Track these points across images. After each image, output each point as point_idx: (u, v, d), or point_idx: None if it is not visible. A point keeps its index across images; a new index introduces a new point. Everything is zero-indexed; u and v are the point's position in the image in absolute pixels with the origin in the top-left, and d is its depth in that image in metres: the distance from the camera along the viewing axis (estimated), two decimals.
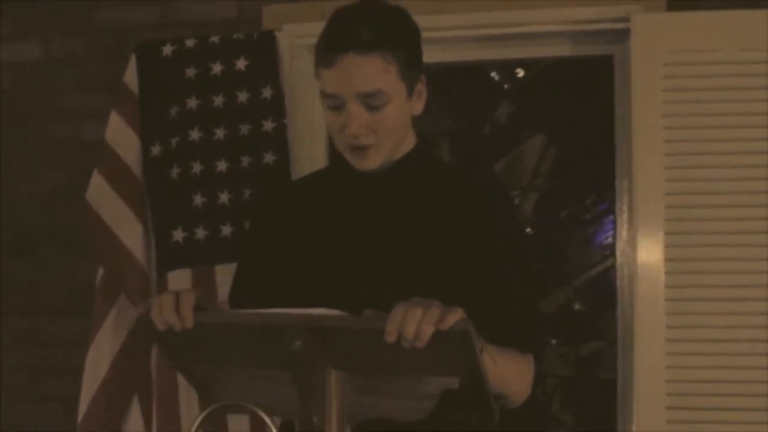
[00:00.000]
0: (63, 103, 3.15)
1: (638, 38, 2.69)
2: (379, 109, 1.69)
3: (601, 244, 3.93)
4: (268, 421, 1.38)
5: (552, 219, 3.97)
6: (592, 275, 3.91)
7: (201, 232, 2.83)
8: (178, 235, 2.83)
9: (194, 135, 2.86)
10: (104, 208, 2.85)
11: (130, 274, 2.83)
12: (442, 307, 1.35)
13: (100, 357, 2.80)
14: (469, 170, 1.97)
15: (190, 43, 2.89)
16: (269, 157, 2.82)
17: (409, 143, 1.81)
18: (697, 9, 2.70)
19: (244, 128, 2.84)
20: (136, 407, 2.81)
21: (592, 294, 3.90)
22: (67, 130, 3.13)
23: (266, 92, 2.84)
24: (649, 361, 2.61)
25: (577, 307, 3.96)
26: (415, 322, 1.33)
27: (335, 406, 1.40)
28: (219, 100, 2.86)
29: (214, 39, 2.89)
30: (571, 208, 3.98)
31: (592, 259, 3.94)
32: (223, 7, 3.05)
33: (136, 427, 2.80)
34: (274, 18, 2.98)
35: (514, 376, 1.67)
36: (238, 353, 1.46)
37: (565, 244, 3.97)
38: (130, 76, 2.90)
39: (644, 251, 2.65)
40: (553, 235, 3.96)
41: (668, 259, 2.64)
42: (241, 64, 2.86)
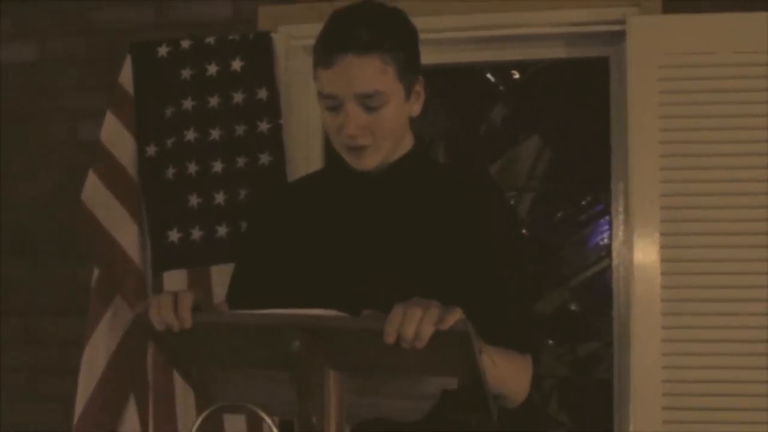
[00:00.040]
0: (62, 104, 3.14)
1: (634, 40, 2.69)
2: (376, 110, 1.70)
3: (596, 245, 3.93)
4: (268, 421, 1.38)
5: (548, 220, 3.97)
6: (588, 276, 3.91)
7: (196, 233, 2.82)
8: (174, 235, 2.83)
9: (190, 135, 2.85)
10: (99, 209, 2.85)
11: (126, 274, 2.82)
12: (442, 308, 1.35)
13: (95, 357, 2.79)
14: (464, 172, 1.96)
15: (185, 43, 2.89)
16: (265, 158, 2.82)
17: (407, 144, 1.81)
18: (693, 11, 2.70)
19: (240, 129, 2.83)
20: (133, 407, 2.80)
21: (589, 295, 3.89)
22: (67, 130, 3.13)
23: (261, 93, 2.84)
24: (645, 361, 2.62)
25: (573, 308, 3.95)
26: (415, 323, 1.33)
27: (334, 407, 1.40)
28: (214, 101, 2.86)
29: (210, 40, 2.88)
30: (567, 209, 3.98)
31: (588, 260, 3.94)
32: (219, 8, 3.05)
33: (132, 427, 2.79)
34: (270, 19, 2.98)
35: (513, 376, 1.67)
36: (237, 354, 1.46)
37: (561, 246, 3.96)
38: (126, 77, 2.90)
39: (640, 252, 2.66)
40: (549, 237, 3.96)
41: (664, 260, 2.65)
42: (237, 64, 2.86)
